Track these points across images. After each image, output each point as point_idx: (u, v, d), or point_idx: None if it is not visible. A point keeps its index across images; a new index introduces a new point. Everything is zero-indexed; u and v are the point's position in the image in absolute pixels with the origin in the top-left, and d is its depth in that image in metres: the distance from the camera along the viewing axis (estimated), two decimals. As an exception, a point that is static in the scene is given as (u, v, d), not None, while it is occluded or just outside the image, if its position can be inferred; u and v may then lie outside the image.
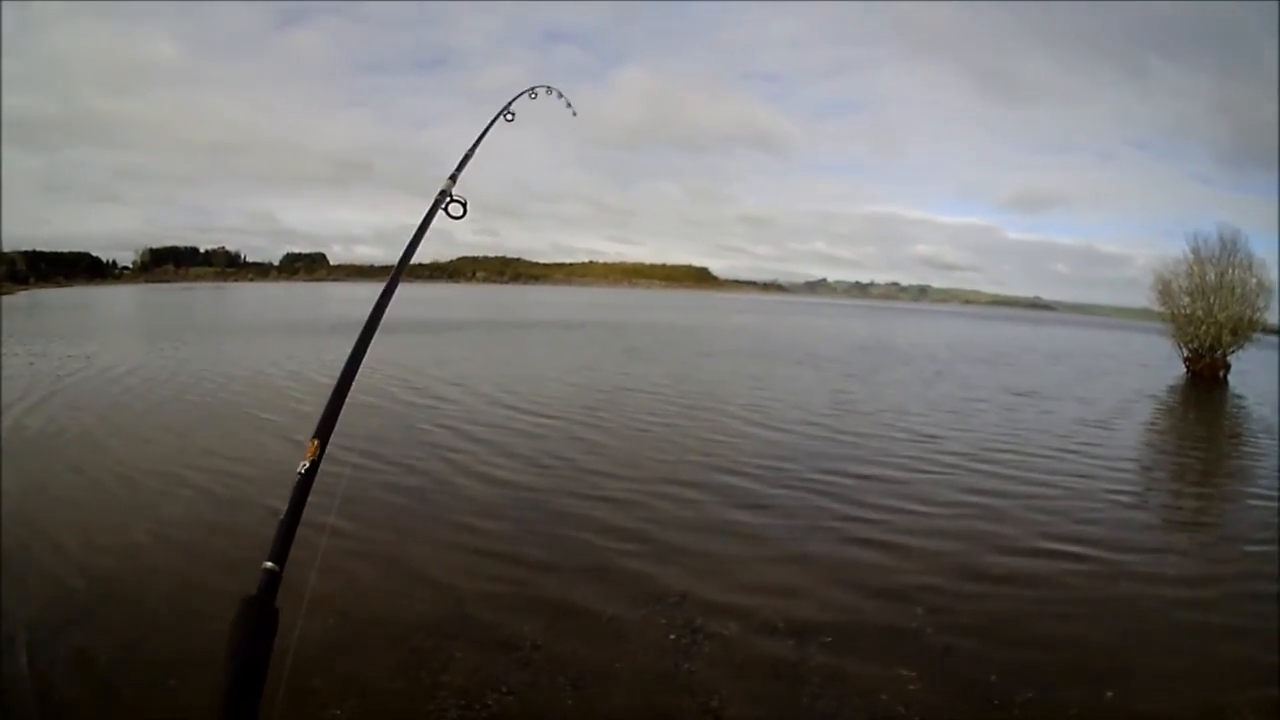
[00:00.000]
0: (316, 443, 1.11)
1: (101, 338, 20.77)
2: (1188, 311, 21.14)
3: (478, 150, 1.97)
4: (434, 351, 17.51)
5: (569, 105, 2.51)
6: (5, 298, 53.81)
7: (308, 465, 1.08)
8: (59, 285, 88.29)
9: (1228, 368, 20.56)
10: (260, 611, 0.91)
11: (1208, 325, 20.54)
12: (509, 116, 2.16)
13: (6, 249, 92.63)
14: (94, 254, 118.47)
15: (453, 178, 1.78)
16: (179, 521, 5.52)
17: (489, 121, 2.09)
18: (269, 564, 0.96)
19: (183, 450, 7.70)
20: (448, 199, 1.69)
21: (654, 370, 15.54)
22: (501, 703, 3.31)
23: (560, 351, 20.02)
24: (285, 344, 19.61)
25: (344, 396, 1.20)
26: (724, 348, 23.53)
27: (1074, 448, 9.02)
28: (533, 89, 2.30)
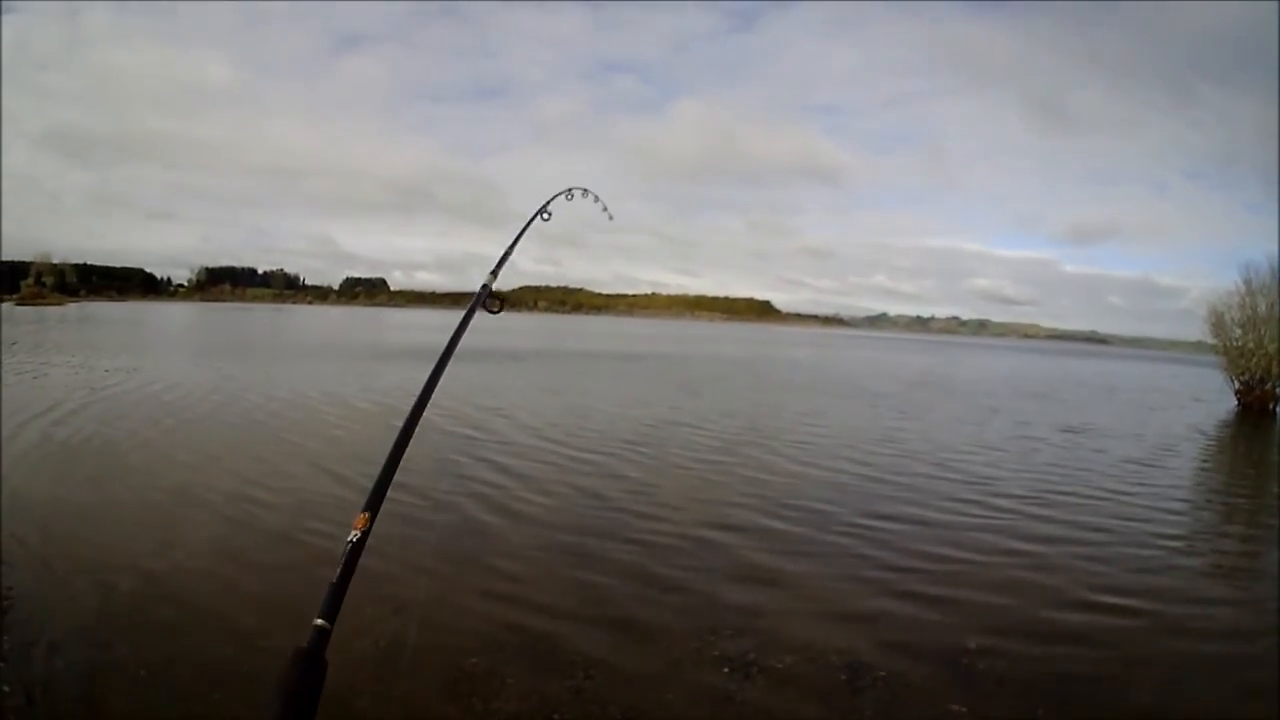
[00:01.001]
0: (367, 515, 1.13)
1: (143, 353, 21.36)
2: (1239, 344, 20.66)
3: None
4: (484, 381, 17.57)
5: (605, 209, 2.54)
6: (53, 308, 55.72)
7: (358, 535, 1.11)
8: (110, 299, 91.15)
9: (1278, 400, 20.01)
10: (312, 666, 0.95)
11: (1259, 357, 20.04)
12: (545, 216, 2.22)
13: (56, 261, 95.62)
14: (148, 270, 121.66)
15: (493, 273, 1.84)
16: (184, 542, 5.59)
17: (526, 222, 2.16)
18: (320, 621, 0.99)
19: (204, 470, 7.84)
20: (487, 294, 1.75)
21: (705, 405, 15.46)
22: (553, 730, 3.33)
23: (613, 383, 20.08)
24: (334, 368, 20.08)
25: (395, 468, 1.22)
26: (779, 381, 23.50)
27: (1124, 489, 8.78)
28: (569, 190, 2.34)
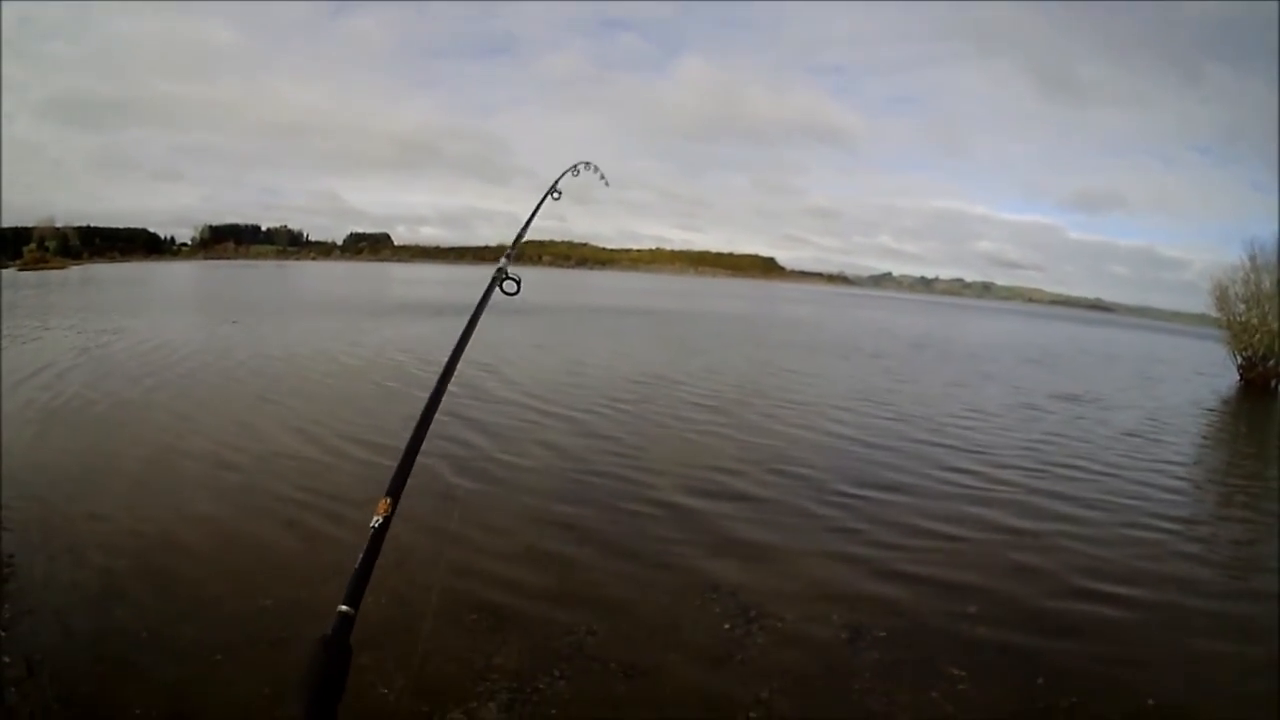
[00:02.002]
0: (389, 501, 1.13)
1: (135, 313, 21.30)
2: (1243, 319, 20.56)
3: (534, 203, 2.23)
4: (484, 336, 17.45)
5: (603, 177, 2.84)
6: (55, 272, 55.58)
7: (380, 521, 1.10)
8: (114, 261, 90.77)
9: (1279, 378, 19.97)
10: (337, 653, 0.94)
11: (1262, 334, 19.95)
12: (555, 195, 2.41)
13: (60, 225, 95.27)
14: (151, 230, 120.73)
15: (508, 256, 1.87)
16: (180, 504, 5.60)
17: (538, 202, 2.33)
18: (344, 608, 0.98)
19: (180, 430, 7.83)
20: (504, 276, 1.78)
21: (698, 363, 15.48)
22: (553, 687, 3.38)
23: (608, 340, 20.03)
24: (328, 323, 20.08)
25: (416, 453, 1.23)
26: (779, 340, 23.41)
27: (1122, 462, 8.71)
28: (575, 166, 2.64)
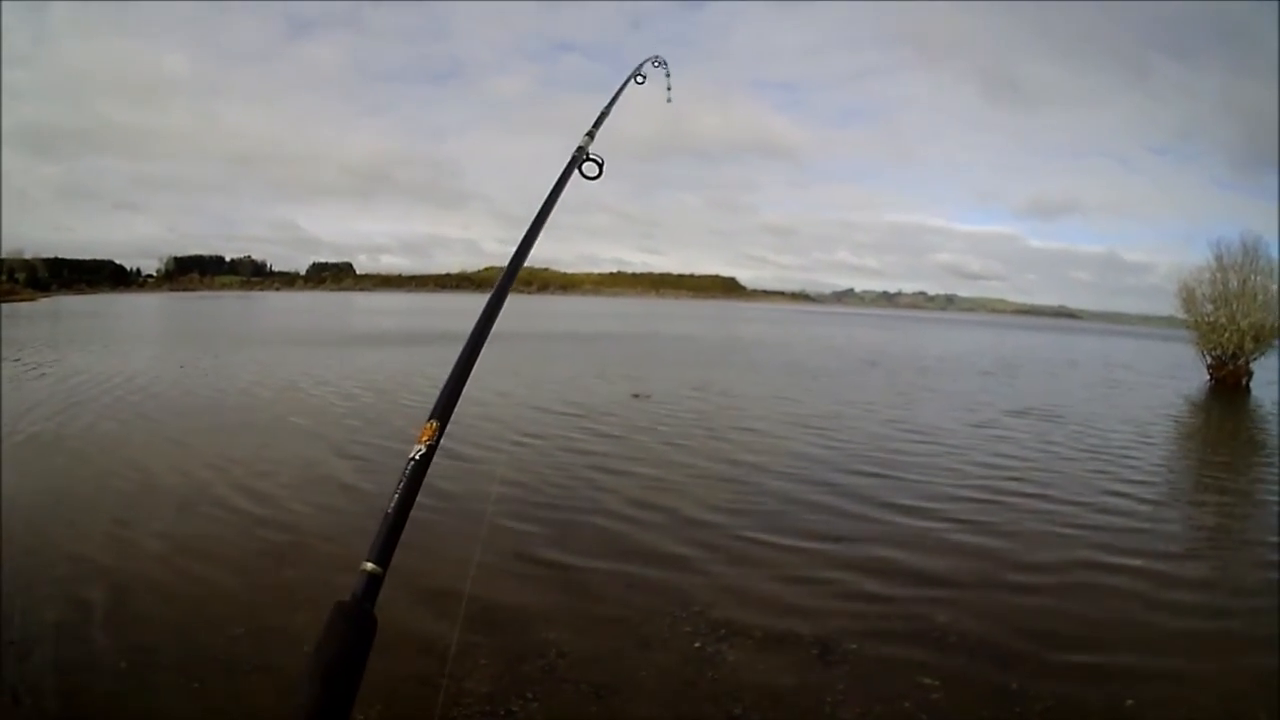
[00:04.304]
0: (435, 424, 0.98)
1: (95, 346, 21.13)
2: (1211, 319, 20.97)
3: (612, 107, 1.88)
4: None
5: (668, 76, 2.39)
6: (25, 304, 54.90)
7: (423, 450, 0.95)
8: (81, 292, 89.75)
9: (1250, 375, 20.37)
10: (359, 618, 0.80)
11: (1230, 333, 20.35)
12: (640, 79, 2.16)
13: (28, 256, 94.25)
14: (118, 261, 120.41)
15: (590, 134, 1.64)
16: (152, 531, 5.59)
17: (622, 83, 2.06)
18: (370, 565, 0.83)
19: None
20: (585, 156, 1.54)
21: (645, 383, 15.41)
22: (526, 709, 3.34)
23: (551, 366, 19.21)
24: (267, 352, 20.09)
25: (469, 369, 1.09)
26: (716, 360, 22.81)
27: (1097, 468, 8.72)
28: (655, 57, 2.28)
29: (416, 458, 0.94)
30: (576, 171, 1.52)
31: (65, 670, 3.57)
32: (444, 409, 1.01)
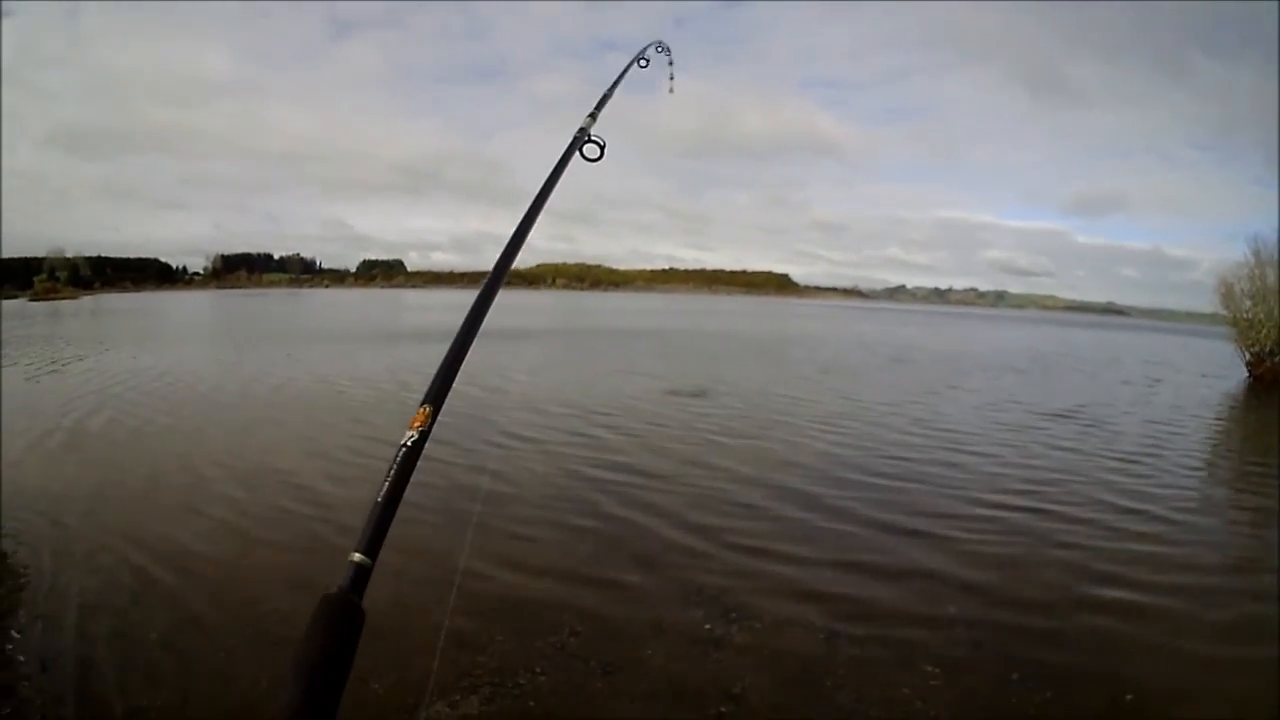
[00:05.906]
0: (428, 409, 0.94)
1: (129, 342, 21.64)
2: (1249, 315, 20.49)
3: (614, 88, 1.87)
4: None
5: (671, 64, 2.41)
6: (67, 302, 56.30)
7: (415, 437, 0.91)
8: (125, 290, 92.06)
9: (1290, 372, 19.83)
10: (346, 611, 0.77)
11: (1268, 329, 19.88)
12: (643, 63, 2.16)
13: (70, 255, 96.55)
14: (163, 259, 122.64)
15: (592, 115, 1.62)
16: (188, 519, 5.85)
17: (624, 67, 2.06)
18: (358, 556, 0.81)
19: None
20: (586, 138, 1.52)
21: (674, 371, 15.55)
22: (533, 682, 3.50)
23: (603, 359, 20.06)
24: (288, 349, 20.47)
25: (464, 354, 1.05)
26: (770, 356, 23.45)
27: (1130, 460, 8.70)
28: (658, 42, 2.31)
29: (409, 444, 0.90)
30: (578, 153, 1.50)
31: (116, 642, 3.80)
32: (438, 394, 0.98)
